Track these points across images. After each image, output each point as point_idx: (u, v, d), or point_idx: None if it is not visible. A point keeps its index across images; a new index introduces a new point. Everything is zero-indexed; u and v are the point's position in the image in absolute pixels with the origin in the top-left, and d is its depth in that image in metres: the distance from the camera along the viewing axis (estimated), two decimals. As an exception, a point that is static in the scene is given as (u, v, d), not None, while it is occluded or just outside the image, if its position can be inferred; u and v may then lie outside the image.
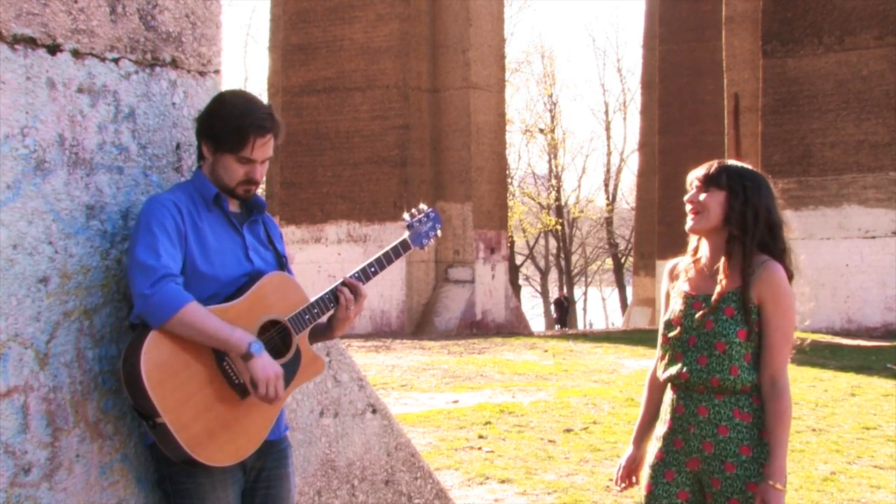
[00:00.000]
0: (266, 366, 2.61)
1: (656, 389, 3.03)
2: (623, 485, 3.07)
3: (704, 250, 2.95)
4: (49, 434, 2.67)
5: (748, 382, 2.81)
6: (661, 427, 2.94)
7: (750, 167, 2.94)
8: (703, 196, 2.87)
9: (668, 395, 2.93)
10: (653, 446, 2.96)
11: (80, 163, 2.78)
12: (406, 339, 17.28)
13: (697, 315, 2.84)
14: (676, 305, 2.93)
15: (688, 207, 2.90)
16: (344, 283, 2.89)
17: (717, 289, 2.84)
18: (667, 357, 2.93)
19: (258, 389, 2.62)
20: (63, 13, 2.77)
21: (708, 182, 2.87)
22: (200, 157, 2.84)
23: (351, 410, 3.92)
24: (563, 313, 36.34)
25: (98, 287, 2.80)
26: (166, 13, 3.05)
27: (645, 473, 2.95)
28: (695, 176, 2.92)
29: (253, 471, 2.81)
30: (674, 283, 3.00)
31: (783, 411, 2.77)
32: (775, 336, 2.81)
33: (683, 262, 3.02)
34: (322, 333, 2.96)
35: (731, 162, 2.93)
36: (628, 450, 3.10)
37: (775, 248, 2.86)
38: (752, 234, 2.83)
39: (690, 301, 2.90)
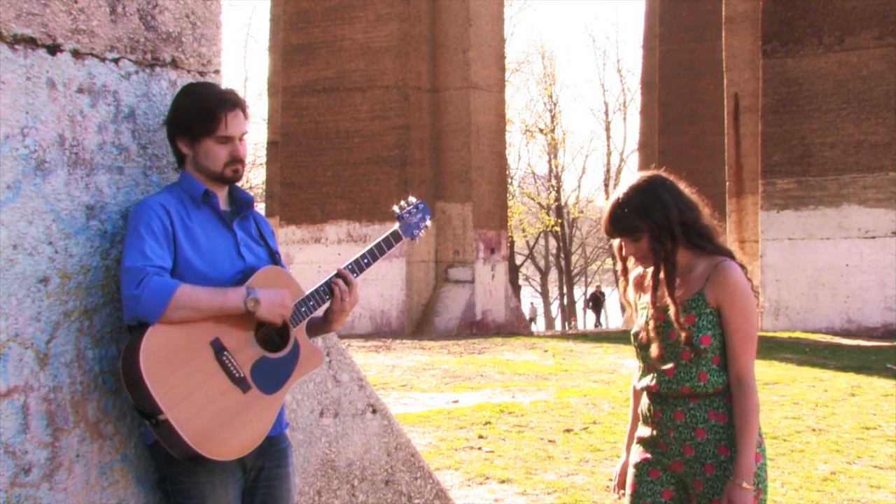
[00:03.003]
0: (271, 305, 2.68)
1: (640, 396, 3.04)
2: (621, 492, 3.08)
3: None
4: (49, 434, 2.67)
5: (720, 385, 2.81)
6: (644, 430, 2.96)
7: (643, 180, 2.88)
8: (633, 248, 2.87)
9: (645, 401, 2.95)
10: (637, 448, 2.97)
11: (80, 163, 2.79)
12: (406, 339, 17.28)
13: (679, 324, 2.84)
14: (641, 317, 2.95)
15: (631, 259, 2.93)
16: (338, 275, 2.91)
17: (672, 309, 2.82)
18: (641, 367, 2.96)
19: (276, 323, 2.72)
20: (63, 13, 2.77)
21: (625, 234, 2.86)
22: (180, 161, 2.86)
23: (351, 410, 3.92)
24: (598, 309, 33.89)
25: (98, 287, 2.80)
26: (166, 13, 3.05)
27: (630, 473, 2.97)
28: (611, 235, 2.91)
29: (253, 470, 2.82)
30: (638, 294, 3.01)
31: (750, 410, 2.77)
32: (736, 337, 2.80)
33: (635, 276, 3.05)
34: (319, 327, 2.98)
35: (626, 193, 2.86)
36: (622, 457, 3.12)
37: (700, 237, 2.85)
38: (670, 255, 2.82)
39: (653, 313, 2.90)
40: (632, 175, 2.94)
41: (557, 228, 41.66)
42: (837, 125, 17.64)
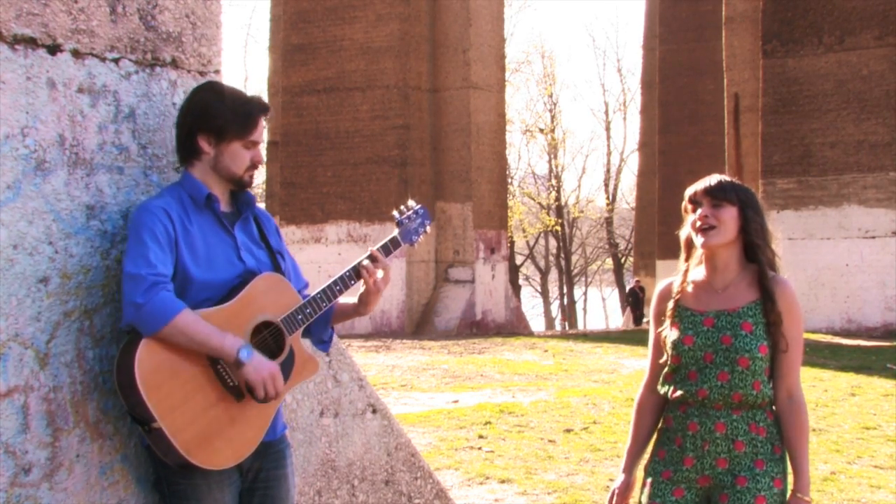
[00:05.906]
0: (258, 368, 2.62)
1: (647, 413, 2.97)
2: None
3: (701, 268, 2.92)
4: (49, 434, 2.67)
5: (766, 397, 2.82)
6: (666, 446, 2.89)
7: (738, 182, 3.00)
8: (710, 211, 2.85)
9: (675, 414, 2.88)
10: (657, 466, 2.90)
11: (80, 163, 2.78)
12: (406, 339, 17.29)
13: (723, 333, 2.82)
14: (682, 325, 2.88)
15: (698, 224, 2.86)
16: (369, 257, 2.92)
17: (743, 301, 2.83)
18: (675, 376, 2.88)
19: (256, 394, 2.63)
20: (63, 13, 2.77)
21: (720, 197, 2.86)
22: (187, 156, 2.80)
23: (351, 410, 3.92)
24: (638, 305, 31.33)
25: (98, 287, 2.80)
26: (166, 13, 3.05)
27: (646, 493, 2.89)
28: (701, 193, 2.88)
29: (251, 472, 2.80)
30: (667, 304, 2.93)
31: (803, 424, 2.82)
32: (793, 349, 2.83)
33: (678, 282, 2.96)
34: (354, 311, 2.99)
35: (727, 177, 2.96)
36: (620, 478, 3.02)
37: (767, 255, 2.88)
38: (766, 244, 2.87)
39: (699, 318, 2.86)
40: None
41: (557, 228, 41.67)
42: (837, 125, 17.65)
